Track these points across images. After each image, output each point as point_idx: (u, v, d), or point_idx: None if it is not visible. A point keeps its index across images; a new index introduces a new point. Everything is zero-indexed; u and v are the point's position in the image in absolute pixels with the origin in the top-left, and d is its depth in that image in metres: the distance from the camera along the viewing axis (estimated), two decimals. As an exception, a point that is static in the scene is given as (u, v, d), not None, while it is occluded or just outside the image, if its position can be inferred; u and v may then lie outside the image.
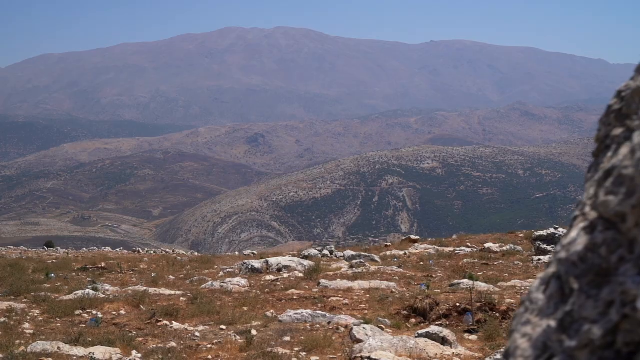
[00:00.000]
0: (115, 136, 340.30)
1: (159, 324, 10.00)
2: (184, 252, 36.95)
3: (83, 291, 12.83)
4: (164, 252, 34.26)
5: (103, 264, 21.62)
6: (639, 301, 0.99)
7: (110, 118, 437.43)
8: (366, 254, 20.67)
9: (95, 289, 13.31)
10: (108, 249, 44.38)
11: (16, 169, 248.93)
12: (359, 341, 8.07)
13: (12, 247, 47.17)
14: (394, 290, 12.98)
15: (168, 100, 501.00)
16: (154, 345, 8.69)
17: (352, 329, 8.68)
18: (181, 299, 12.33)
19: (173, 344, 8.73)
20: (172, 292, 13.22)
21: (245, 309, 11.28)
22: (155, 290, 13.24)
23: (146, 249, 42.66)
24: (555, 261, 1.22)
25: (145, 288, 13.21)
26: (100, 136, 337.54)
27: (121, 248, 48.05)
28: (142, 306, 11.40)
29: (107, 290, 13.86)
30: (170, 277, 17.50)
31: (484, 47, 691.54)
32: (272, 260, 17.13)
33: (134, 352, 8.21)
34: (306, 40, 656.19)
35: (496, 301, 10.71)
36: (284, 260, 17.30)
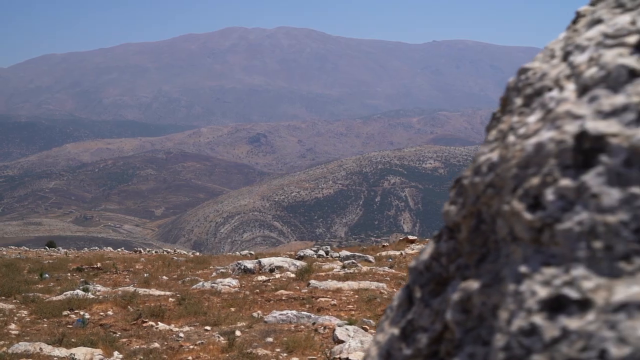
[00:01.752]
0: (117, 136, 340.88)
1: (144, 324, 10.02)
2: (185, 252, 36.95)
3: (73, 292, 12.87)
4: (164, 252, 34.27)
5: (99, 264, 21.65)
6: (448, 311, 1.02)
7: (112, 118, 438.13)
8: (361, 254, 20.66)
9: (86, 290, 13.34)
10: (109, 249, 44.41)
11: (18, 169, 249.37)
12: (341, 342, 8.08)
13: (13, 247, 47.27)
14: (383, 290, 12.99)
15: (170, 100, 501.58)
16: (137, 346, 8.72)
17: (334, 329, 8.70)
18: (170, 299, 12.35)
19: (156, 344, 8.76)
20: (162, 293, 13.24)
21: (233, 309, 11.30)
22: (145, 291, 13.26)
23: (147, 249, 42.68)
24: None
25: (135, 288, 13.24)
26: (103, 136, 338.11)
27: (122, 248, 48.08)
28: (130, 307, 11.43)
29: (99, 291, 13.89)
30: (164, 277, 17.53)
31: (485, 47, 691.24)
32: (265, 261, 17.15)
33: (115, 353, 8.23)
34: (308, 40, 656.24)
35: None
36: (277, 260, 17.32)
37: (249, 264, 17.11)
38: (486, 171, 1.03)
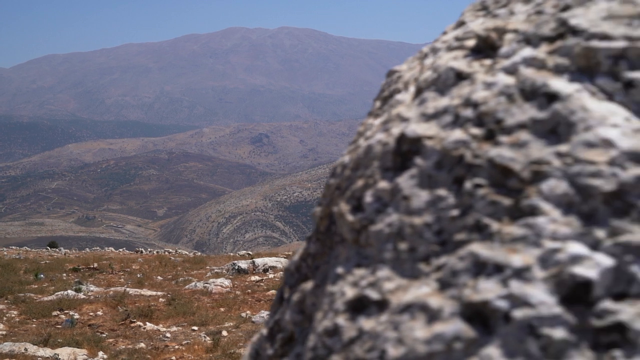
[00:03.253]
0: (119, 136, 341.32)
1: (132, 324, 10.04)
2: (186, 253, 36.92)
3: (64, 292, 12.89)
4: (166, 252, 34.26)
5: (95, 265, 21.67)
6: (287, 312, 1.02)
7: (114, 118, 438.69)
8: (356, 254, 20.66)
9: (78, 290, 13.37)
10: (111, 249, 44.40)
11: (21, 169, 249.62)
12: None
13: (15, 247, 47.29)
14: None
15: (172, 101, 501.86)
16: (123, 346, 8.74)
17: (320, 330, 8.71)
18: (160, 299, 12.38)
19: (142, 344, 8.78)
20: (153, 293, 13.26)
21: (222, 309, 11.32)
22: (136, 291, 13.29)
23: (149, 249, 42.67)
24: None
25: (125, 289, 13.26)
26: (105, 136, 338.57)
27: (124, 248, 48.05)
28: (119, 307, 11.45)
29: (91, 291, 13.91)
30: (158, 277, 17.55)
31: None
32: (259, 261, 17.18)
33: (100, 353, 8.25)
34: (310, 40, 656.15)
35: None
36: (270, 260, 17.35)
37: (243, 264, 17.14)
38: (339, 173, 1.03)
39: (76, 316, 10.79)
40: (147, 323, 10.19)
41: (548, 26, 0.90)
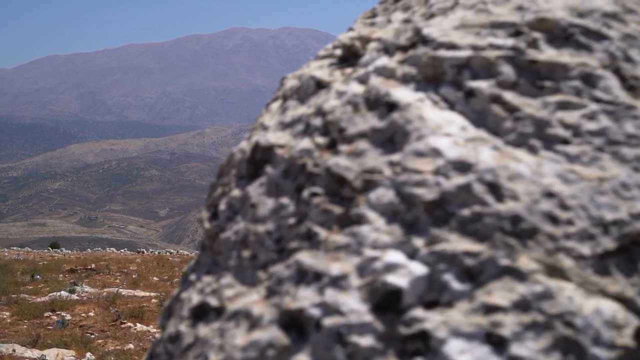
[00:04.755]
0: (121, 137, 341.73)
1: (122, 325, 10.07)
2: (188, 253, 36.96)
3: (57, 293, 12.92)
4: (167, 253, 34.23)
5: (93, 265, 21.68)
6: (159, 317, 1.03)
7: (116, 119, 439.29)
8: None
9: (72, 291, 13.39)
10: (112, 249, 44.41)
11: (23, 170, 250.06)
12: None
13: (16, 247, 47.33)
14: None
15: (174, 101, 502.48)
16: (112, 347, 8.76)
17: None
18: (152, 300, 12.39)
19: (131, 345, 8.80)
20: (146, 294, 13.28)
21: (214, 310, 11.32)
22: (129, 292, 13.30)
23: (150, 250, 42.69)
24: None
25: (118, 289, 13.28)
26: (107, 137, 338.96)
27: (125, 249, 48.08)
28: (112, 308, 11.47)
29: (86, 292, 13.92)
30: (154, 278, 17.54)
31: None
32: (254, 261, 17.17)
33: (88, 354, 8.27)
34: (312, 40, 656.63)
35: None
36: (266, 261, 17.33)
37: (239, 264, 17.13)
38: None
39: (68, 317, 10.80)
40: (138, 324, 10.20)
41: (405, 35, 0.90)
